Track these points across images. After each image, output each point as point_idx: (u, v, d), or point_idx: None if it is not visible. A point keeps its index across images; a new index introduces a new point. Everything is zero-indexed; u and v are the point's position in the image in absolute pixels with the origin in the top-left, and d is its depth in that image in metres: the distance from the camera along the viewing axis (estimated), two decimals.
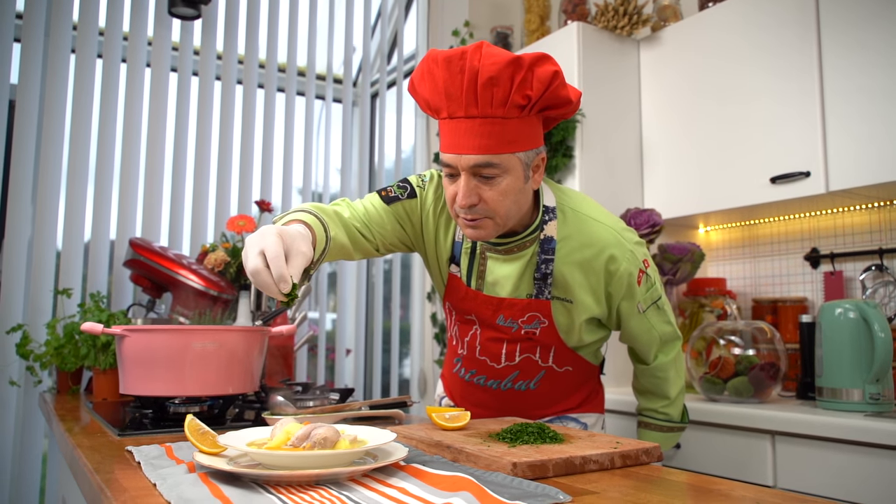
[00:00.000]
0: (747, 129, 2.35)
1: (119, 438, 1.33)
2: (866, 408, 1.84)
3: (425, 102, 1.35)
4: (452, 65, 1.26)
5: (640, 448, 1.11)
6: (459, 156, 1.29)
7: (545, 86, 1.26)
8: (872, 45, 2.03)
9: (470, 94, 1.25)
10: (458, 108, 1.28)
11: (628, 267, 1.44)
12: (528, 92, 1.26)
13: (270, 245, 1.11)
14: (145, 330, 1.46)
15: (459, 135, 1.29)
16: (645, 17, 2.67)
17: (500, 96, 1.25)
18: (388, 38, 3.57)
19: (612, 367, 2.51)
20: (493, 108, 1.26)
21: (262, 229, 1.15)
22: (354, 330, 3.30)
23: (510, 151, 1.29)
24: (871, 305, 1.86)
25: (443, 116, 1.32)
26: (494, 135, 1.27)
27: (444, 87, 1.27)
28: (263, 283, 1.11)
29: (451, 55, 1.26)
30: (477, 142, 1.27)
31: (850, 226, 2.39)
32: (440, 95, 1.29)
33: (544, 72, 1.26)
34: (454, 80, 1.26)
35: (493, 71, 1.23)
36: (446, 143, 1.32)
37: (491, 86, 1.24)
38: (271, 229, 1.14)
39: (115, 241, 2.69)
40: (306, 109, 3.21)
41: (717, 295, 2.53)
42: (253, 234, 1.15)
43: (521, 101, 1.26)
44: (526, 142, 1.32)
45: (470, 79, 1.24)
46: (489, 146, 1.28)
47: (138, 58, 2.77)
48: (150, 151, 2.78)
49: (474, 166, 1.29)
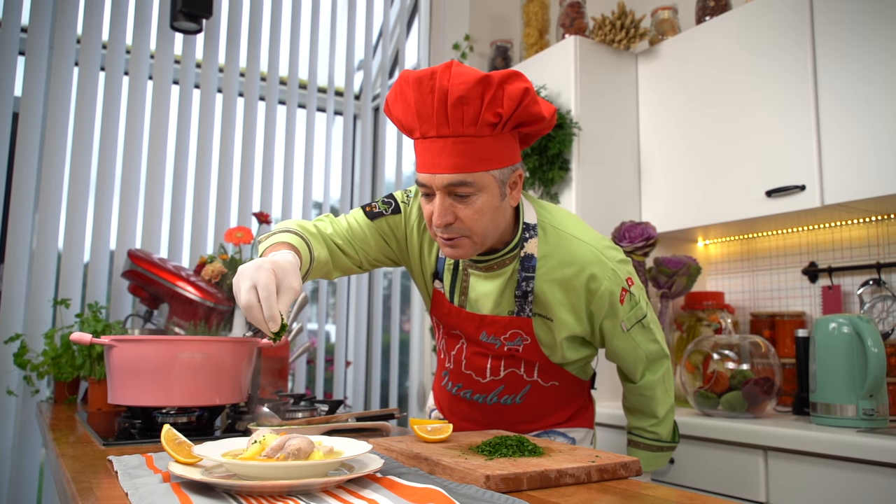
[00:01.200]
0: (744, 143, 2.34)
1: (103, 448, 1.33)
2: (860, 424, 1.82)
3: (399, 122, 1.35)
4: (423, 85, 1.26)
5: (619, 462, 1.10)
6: (433, 175, 1.29)
7: (516, 103, 1.26)
8: (867, 60, 2.03)
9: (441, 114, 1.26)
10: (429, 127, 1.28)
11: (609, 286, 1.43)
12: (498, 110, 1.26)
13: (263, 281, 1.12)
14: (133, 340, 1.47)
15: (433, 154, 1.29)
16: (642, 30, 2.67)
17: (470, 115, 1.25)
18: (391, 52, 3.60)
19: (607, 381, 2.50)
20: (465, 127, 1.26)
21: (256, 262, 1.15)
22: (354, 342, 3.31)
23: (483, 169, 1.29)
24: (864, 320, 1.85)
25: (416, 136, 1.32)
26: (467, 153, 1.27)
27: (416, 107, 1.28)
28: (254, 319, 1.12)
29: (422, 75, 1.27)
30: (450, 161, 1.28)
31: (848, 240, 2.38)
32: (412, 115, 1.30)
33: (514, 89, 1.26)
34: (425, 101, 1.27)
35: (462, 90, 1.23)
36: (420, 163, 1.32)
37: (461, 105, 1.24)
38: (266, 263, 1.14)
39: (114, 252, 2.71)
40: (307, 122, 3.23)
41: (714, 309, 2.52)
42: (246, 265, 1.16)
43: (492, 118, 1.26)
44: (500, 159, 1.31)
45: (440, 98, 1.25)
46: (462, 165, 1.28)
47: (140, 71, 2.80)
48: (150, 163, 2.81)
49: (448, 185, 1.29)
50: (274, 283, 1.12)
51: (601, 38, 2.66)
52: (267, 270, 1.13)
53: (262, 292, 1.11)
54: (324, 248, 1.42)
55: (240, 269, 1.15)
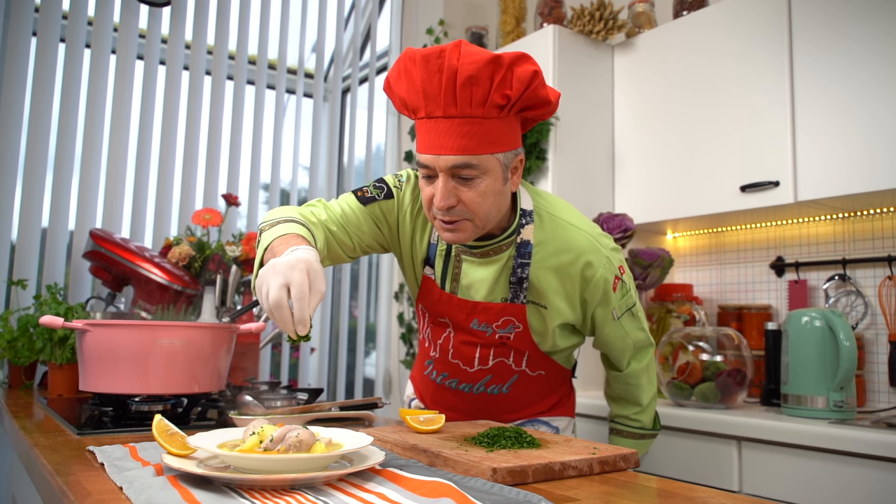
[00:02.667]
0: (719, 138, 2.37)
1: (78, 437, 1.27)
2: (830, 415, 1.87)
3: (402, 102, 1.32)
4: (430, 63, 1.23)
5: (618, 454, 1.10)
6: (437, 156, 1.26)
7: (525, 85, 1.25)
8: (843, 60, 2.06)
9: (448, 94, 1.23)
10: (436, 107, 1.25)
11: (604, 273, 1.43)
12: (507, 91, 1.24)
13: (297, 281, 1.05)
14: (108, 325, 1.41)
15: (438, 135, 1.26)
16: (620, 22, 2.68)
17: (479, 96, 1.23)
18: (361, 32, 3.53)
19: (583, 371, 2.51)
20: (473, 108, 1.24)
21: (290, 259, 1.08)
22: (319, 328, 3.25)
23: (490, 152, 1.27)
24: (836, 314, 1.89)
25: (420, 116, 1.29)
26: (474, 135, 1.25)
27: (422, 86, 1.25)
28: (282, 319, 1.05)
29: (429, 53, 1.23)
30: (456, 142, 1.25)
31: (815, 236, 2.44)
32: (418, 95, 1.26)
33: (524, 71, 1.24)
34: (432, 80, 1.24)
35: (472, 70, 1.21)
36: (424, 144, 1.29)
37: (470, 85, 1.22)
38: (300, 262, 1.08)
39: (73, 232, 2.60)
40: (276, 103, 3.16)
41: (684, 301, 2.55)
42: (280, 260, 1.08)
43: (501, 100, 1.24)
44: (505, 143, 1.30)
45: (448, 78, 1.22)
46: (468, 147, 1.25)
47: (103, 44, 2.68)
48: (113, 140, 2.70)
49: (453, 167, 1.26)
50: (307, 284, 1.06)
51: (579, 29, 2.66)
52: (301, 271, 1.06)
53: (296, 292, 1.04)
54: (322, 239, 1.38)
55: (272, 263, 1.08)
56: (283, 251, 1.14)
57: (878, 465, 1.65)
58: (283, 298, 1.05)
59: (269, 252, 1.19)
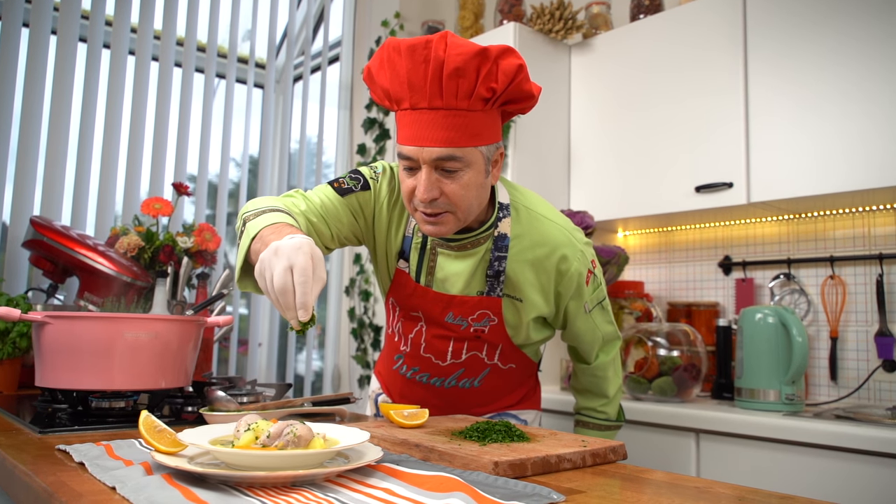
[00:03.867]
0: (673, 139, 2.43)
1: (40, 436, 1.20)
2: (782, 407, 1.95)
3: (384, 92, 1.29)
4: (416, 54, 1.22)
5: (608, 447, 1.11)
6: (422, 148, 1.25)
7: (510, 79, 1.25)
8: (797, 64, 2.15)
9: (435, 85, 1.22)
10: (421, 98, 1.24)
11: (578, 267, 1.45)
12: (493, 84, 1.24)
13: (301, 264, 1.02)
14: (71, 317, 1.33)
15: (422, 127, 1.24)
16: (578, 23, 2.71)
17: (465, 88, 1.22)
18: (315, 14, 3.45)
19: (548, 366, 2.54)
20: (458, 101, 1.23)
21: (295, 241, 1.04)
22: (269, 323, 3.18)
23: (474, 145, 1.27)
24: (789, 311, 1.97)
25: (403, 107, 1.27)
26: (458, 127, 1.24)
27: (408, 76, 1.23)
28: (287, 305, 1.02)
29: (415, 44, 1.22)
30: (441, 134, 1.24)
31: (762, 236, 2.53)
32: (402, 85, 1.25)
33: (509, 65, 1.24)
34: (418, 70, 1.22)
35: (459, 62, 1.20)
36: (407, 135, 1.27)
37: (457, 77, 1.21)
38: (305, 245, 1.04)
39: (10, 219, 2.45)
40: (226, 91, 3.06)
41: (636, 297, 2.61)
42: (283, 242, 1.04)
43: (486, 93, 1.24)
44: (488, 136, 1.29)
45: (435, 69, 1.21)
46: (453, 139, 1.24)
47: (42, 24, 2.54)
48: (52, 125, 2.56)
49: (437, 159, 1.25)
50: (311, 268, 1.02)
51: (539, 27, 2.68)
52: (306, 254, 1.03)
53: (299, 276, 1.01)
54: (305, 229, 1.34)
55: (275, 246, 1.04)
56: (276, 238, 1.10)
57: (827, 455, 1.73)
58: (288, 282, 1.02)
59: (259, 241, 1.15)
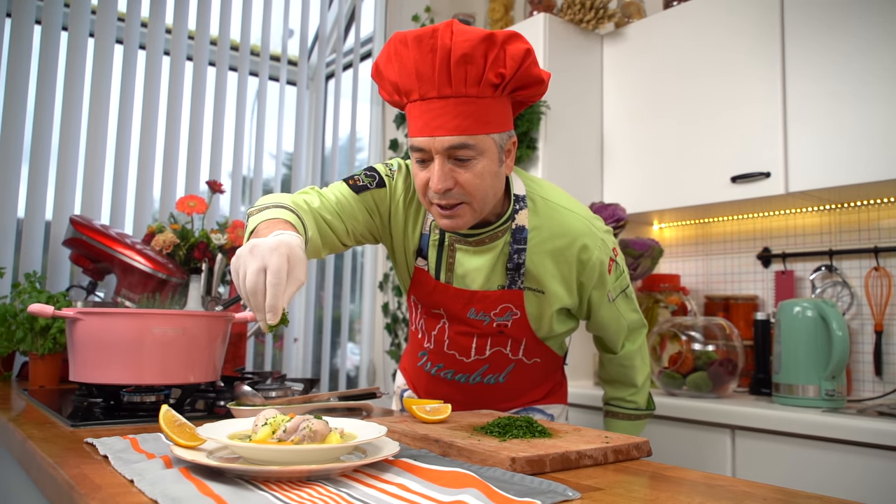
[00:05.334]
0: (708, 128, 2.38)
1: (72, 430, 1.23)
2: (822, 404, 1.89)
3: (393, 86, 1.29)
4: (423, 43, 1.21)
5: (631, 443, 1.09)
6: (433, 138, 1.24)
7: (518, 63, 1.24)
8: (836, 49, 2.08)
9: (443, 73, 1.21)
10: (430, 88, 1.23)
11: (600, 256, 1.43)
12: (501, 70, 1.23)
13: (275, 266, 1.00)
14: (102, 313, 1.36)
15: (432, 116, 1.23)
16: (610, 12, 2.67)
17: (474, 74, 1.21)
18: (345, 16, 3.47)
19: (576, 360, 2.52)
20: (468, 87, 1.22)
21: (271, 242, 1.03)
22: (304, 319, 3.21)
23: (486, 132, 1.25)
24: (829, 304, 1.91)
25: (413, 99, 1.26)
26: (469, 115, 1.23)
27: (415, 66, 1.23)
28: (256, 305, 1.01)
29: (421, 34, 1.21)
30: (452, 122, 1.23)
31: (802, 227, 2.46)
32: (410, 76, 1.24)
33: (517, 49, 1.23)
34: (425, 60, 1.21)
35: (466, 48, 1.19)
36: (418, 126, 1.26)
37: (465, 63, 1.20)
38: (282, 246, 1.03)
39: (52, 220, 2.52)
40: (259, 89, 3.10)
41: (671, 291, 2.56)
42: (261, 242, 1.03)
43: (495, 79, 1.23)
44: (499, 123, 1.28)
45: (442, 57, 1.20)
46: (464, 126, 1.23)
47: (81, 26, 2.60)
48: (91, 126, 2.62)
49: (449, 148, 1.24)
50: (286, 269, 1.01)
51: (570, 18, 2.64)
52: (282, 255, 1.01)
53: (272, 278, 1.00)
54: (314, 227, 1.33)
55: (252, 244, 1.03)
56: (266, 235, 1.09)
57: (869, 453, 1.67)
58: (259, 283, 1.00)
59: (254, 236, 1.14)
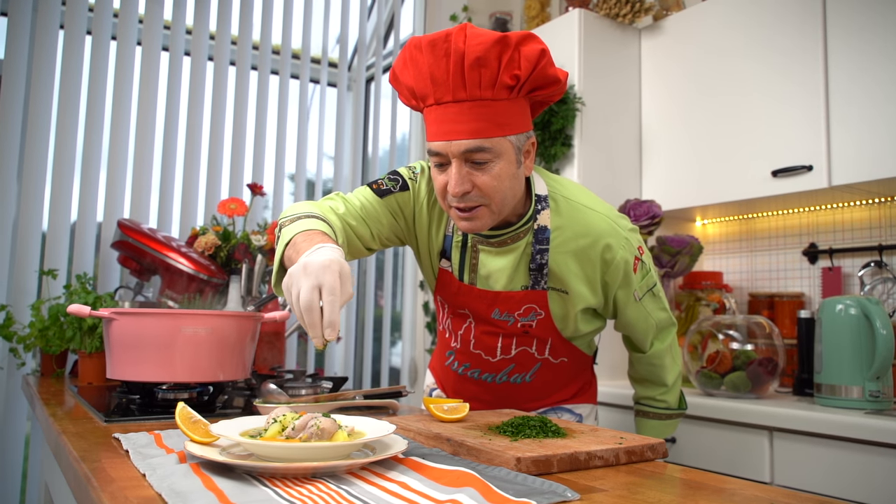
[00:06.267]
0: (748, 122, 2.32)
1: (105, 425, 1.28)
2: (866, 405, 1.82)
3: (409, 91, 1.30)
4: (437, 48, 1.22)
5: (646, 444, 1.08)
6: (449, 142, 1.24)
7: (533, 65, 1.23)
8: (878, 40, 2.00)
9: (457, 77, 1.21)
10: (445, 92, 1.23)
11: (624, 255, 1.41)
12: (516, 72, 1.22)
13: (329, 283, 1.02)
14: (134, 313, 1.41)
15: (448, 120, 1.24)
16: (647, 5, 2.62)
17: (488, 77, 1.21)
18: (385, 21, 3.51)
19: (606, 359, 2.49)
20: (482, 90, 1.22)
21: (322, 260, 1.04)
22: (345, 317, 3.26)
23: (502, 135, 1.25)
24: (873, 302, 1.84)
25: (429, 103, 1.27)
26: (485, 117, 1.23)
27: (430, 71, 1.23)
28: (313, 323, 1.02)
29: (435, 38, 1.22)
30: (467, 126, 1.23)
31: (850, 221, 2.37)
32: (425, 81, 1.25)
33: (531, 50, 1.23)
34: (439, 64, 1.22)
35: (479, 51, 1.19)
36: (434, 131, 1.27)
37: (478, 66, 1.20)
38: (333, 263, 1.04)
39: (102, 223, 2.63)
40: (300, 92, 3.15)
41: (713, 289, 2.51)
42: (312, 260, 1.04)
43: (510, 81, 1.22)
44: (516, 125, 1.28)
45: (456, 61, 1.20)
46: (480, 130, 1.23)
47: (129, 35, 2.70)
48: (139, 132, 2.72)
49: (465, 152, 1.24)
50: (339, 286, 1.03)
51: (605, 12, 2.61)
52: (334, 273, 1.03)
53: (328, 296, 1.01)
54: (343, 236, 1.35)
55: (304, 263, 1.04)
56: (307, 248, 1.11)
57: None
58: (315, 301, 1.01)
59: (292, 247, 1.17)
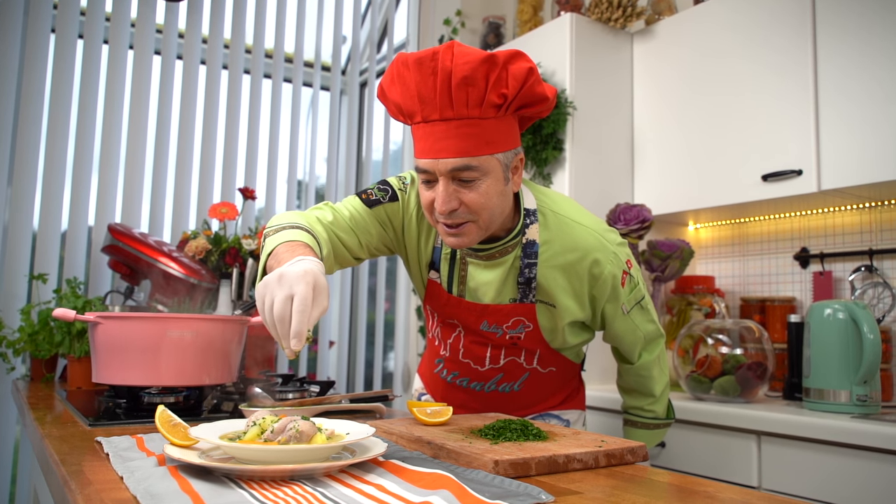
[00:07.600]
0: (740, 126, 2.32)
1: (90, 428, 1.28)
2: (853, 409, 1.82)
3: (397, 108, 1.29)
4: (424, 66, 1.21)
5: (626, 447, 1.08)
6: (437, 160, 1.24)
7: (520, 83, 1.23)
8: (868, 44, 2.00)
9: (444, 96, 1.21)
10: (432, 111, 1.23)
11: (612, 270, 1.41)
12: (503, 90, 1.22)
13: (302, 294, 1.03)
14: (119, 317, 1.41)
15: (435, 139, 1.24)
16: (639, 9, 2.63)
17: (475, 96, 1.21)
18: (379, 26, 3.52)
19: (595, 364, 2.49)
20: (469, 109, 1.22)
21: (298, 270, 1.05)
22: (338, 322, 3.26)
23: (489, 153, 1.25)
24: (860, 306, 1.84)
25: (416, 121, 1.26)
26: (472, 136, 1.23)
27: (417, 89, 1.23)
28: (282, 333, 1.03)
29: (422, 56, 1.21)
30: (454, 144, 1.23)
31: (841, 226, 2.38)
32: (413, 99, 1.24)
33: (519, 69, 1.22)
34: (426, 82, 1.21)
35: (466, 70, 1.19)
36: (421, 148, 1.26)
37: (465, 86, 1.19)
38: (308, 275, 1.05)
39: (93, 227, 2.63)
40: (293, 97, 3.16)
41: (705, 293, 2.51)
42: (288, 270, 1.05)
43: (497, 100, 1.22)
44: (504, 142, 1.27)
45: (443, 80, 1.20)
46: (467, 148, 1.23)
47: (121, 39, 2.70)
48: (131, 136, 2.72)
49: (452, 170, 1.24)
50: (311, 297, 1.03)
51: (597, 17, 2.62)
52: (308, 284, 1.04)
53: (298, 305, 1.02)
54: (329, 247, 1.35)
55: (279, 273, 1.05)
56: (288, 259, 1.12)
57: None
58: (286, 312, 1.02)
59: (273, 258, 1.17)
